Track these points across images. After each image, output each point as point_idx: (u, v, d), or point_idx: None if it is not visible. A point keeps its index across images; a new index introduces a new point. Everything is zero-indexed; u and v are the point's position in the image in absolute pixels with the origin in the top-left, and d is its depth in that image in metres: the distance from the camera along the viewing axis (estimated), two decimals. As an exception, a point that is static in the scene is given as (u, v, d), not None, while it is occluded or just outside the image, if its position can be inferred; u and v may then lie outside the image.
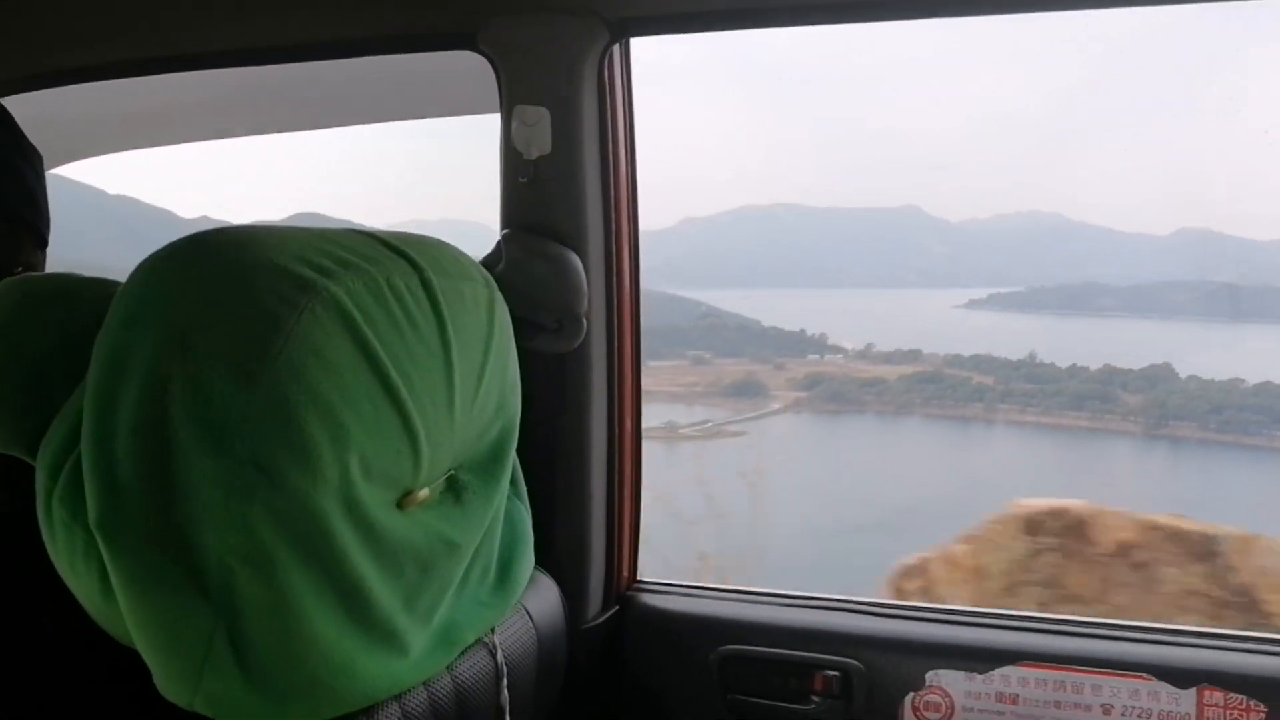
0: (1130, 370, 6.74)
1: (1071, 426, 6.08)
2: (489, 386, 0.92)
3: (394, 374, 0.76)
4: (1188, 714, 1.30)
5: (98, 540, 0.67)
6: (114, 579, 0.67)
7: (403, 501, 0.83)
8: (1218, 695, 1.29)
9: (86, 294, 0.81)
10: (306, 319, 0.71)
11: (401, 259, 0.82)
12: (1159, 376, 6.65)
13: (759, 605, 1.54)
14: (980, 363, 7.85)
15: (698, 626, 1.54)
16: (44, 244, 1.03)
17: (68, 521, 0.71)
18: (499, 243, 1.36)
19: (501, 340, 0.95)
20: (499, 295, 0.94)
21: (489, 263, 1.36)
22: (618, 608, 1.56)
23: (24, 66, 1.58)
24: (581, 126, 1.35)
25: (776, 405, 6.95)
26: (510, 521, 1.11)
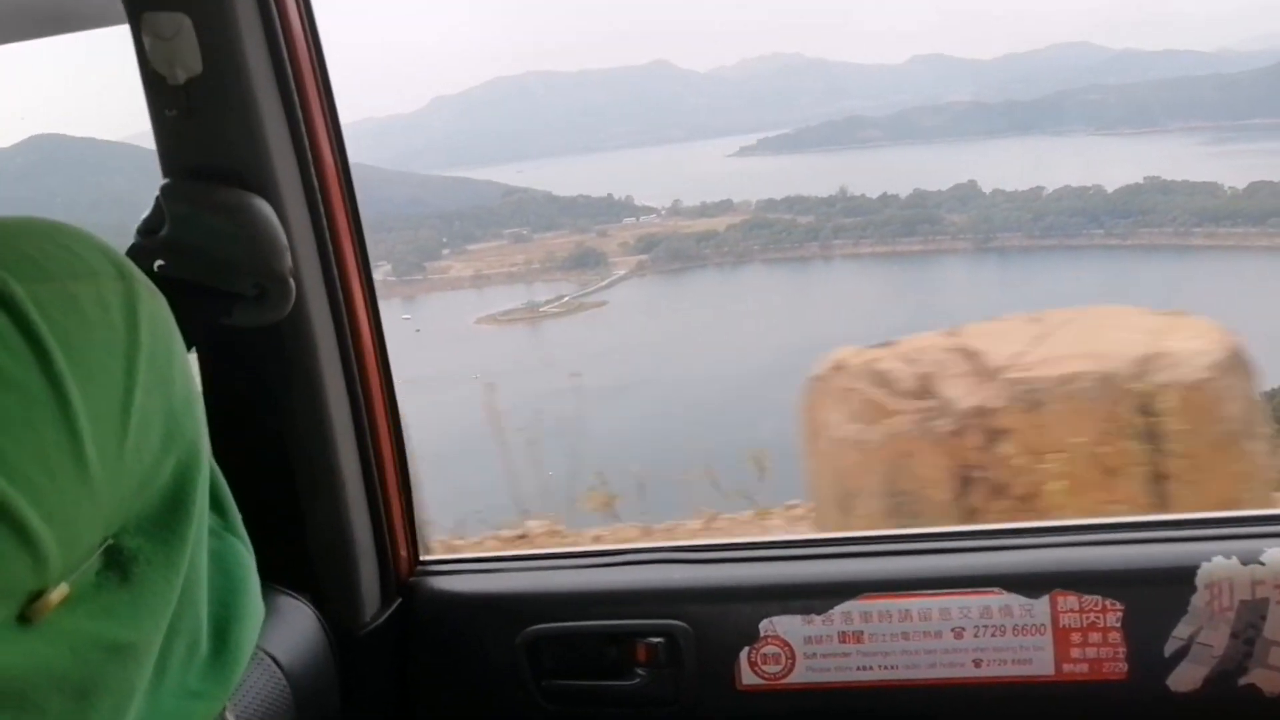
0: (940, 192, 6.97)
1: (906, 252, 6.30)
2: (144, 417, 0.67)
3: None
4: (1042, 625, 1.20)
5: None
6: None
7: (28, 612, 0.59)
8: (1072, 599, 1.19)
9: None
10: None
11: None
12: (968, 195, 6.90)
13: (565, 571, 1.37)
14: (794, 204, 7.95)
15: (497, 606, 1.35)
16: None
17: None
18: (157, 199, 1.07)
19: (155, 346, 0.69)
20: (143, 285, 0.68)
21: (150, 226, 1.07)
22: (400, 600, 1.35)
23: None
24: (239, 32, 1.05)
25: (621, 271, 6.91)
26: (223, 569, 0.86)
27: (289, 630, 1.09)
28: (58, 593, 0.60)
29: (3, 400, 0.54)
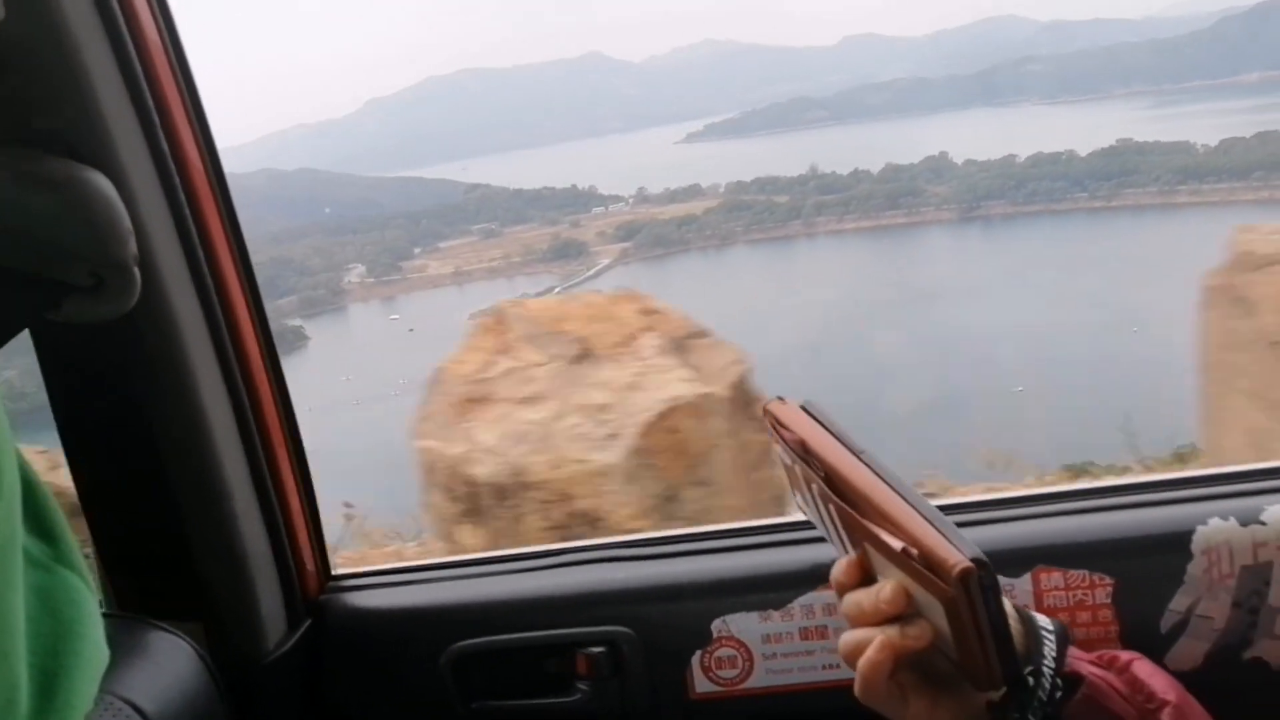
0: (913, 165, 6.91)
1: (892, 225, 6.28)
2: None
3: None
4: (1025, 605, 1.07)
5: None
6: None
7: None
8: (1056, 576, 1.08)
9: None
10: None
11: None
12: (940, 166, 6.85)
13: (493, 578, 1.24)
14: (766, 185, 7.86)
15: (419, 621, 1.22)
16: None
17: None
18: (-33, 169, 0.93)
19: None
20: None
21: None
22: (310, 621, 1.22)
23: None
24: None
25: (605, 260, 6.85)
26: (52, 610, 0.72)
27: (158, 671, 0.96)
28: None
29: None
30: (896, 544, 0.69)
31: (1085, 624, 1.06)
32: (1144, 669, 0.81)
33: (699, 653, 1.14)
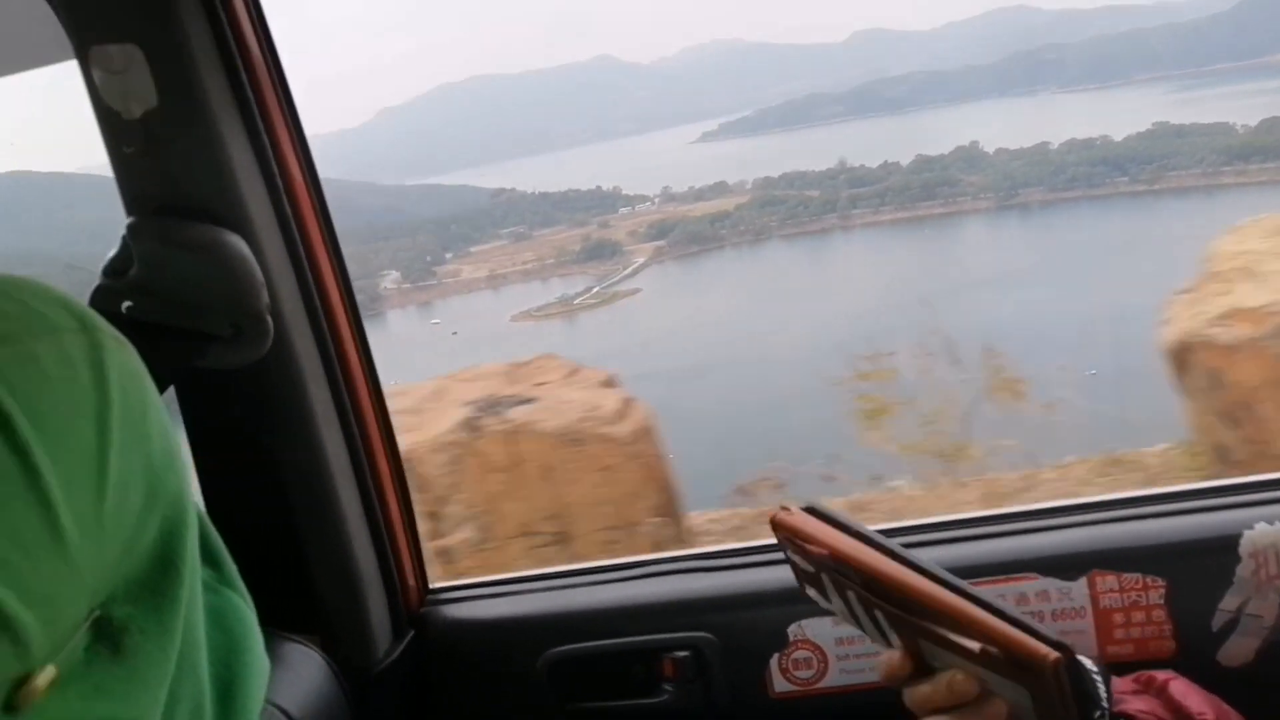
0: (943, 156, 6.95)
1: (928, 215, 6.30)
2: (122, 476, 0.64)
3: None
4: (1082, 607, 1.17)
5: None
6: None
7: (15, 699, 0.55)
8: (1111, 579, 1.17)
9: None
10: None
11: None
12: (972, 156, 6.88)
13: (582, 589, 1.34)
14: (794, 180, 7.91)
15: (514, 630, 1.33)
16: None
17: None
18: (124, 237, 1.04)
19: (127, 401, 0.65)
20: (109, 336, 0.64)
21: (117, 267, 1.05)
22: (413, 633, 1.33)
23: None
24: (194, 59, 1.02)
25: (640, 259, 6.88)
26: (222, 626, 0.84)
27: (297, 679, 1.07)
28: (44, 676, 0.57)
29: None
30: (971, 644, 0.72)
31: (1140, 624, 1.15)
32: (1180, 688, 0.88)
33: (777, 655, 1.24)
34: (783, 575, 1.27)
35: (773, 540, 1.34)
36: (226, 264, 1.04)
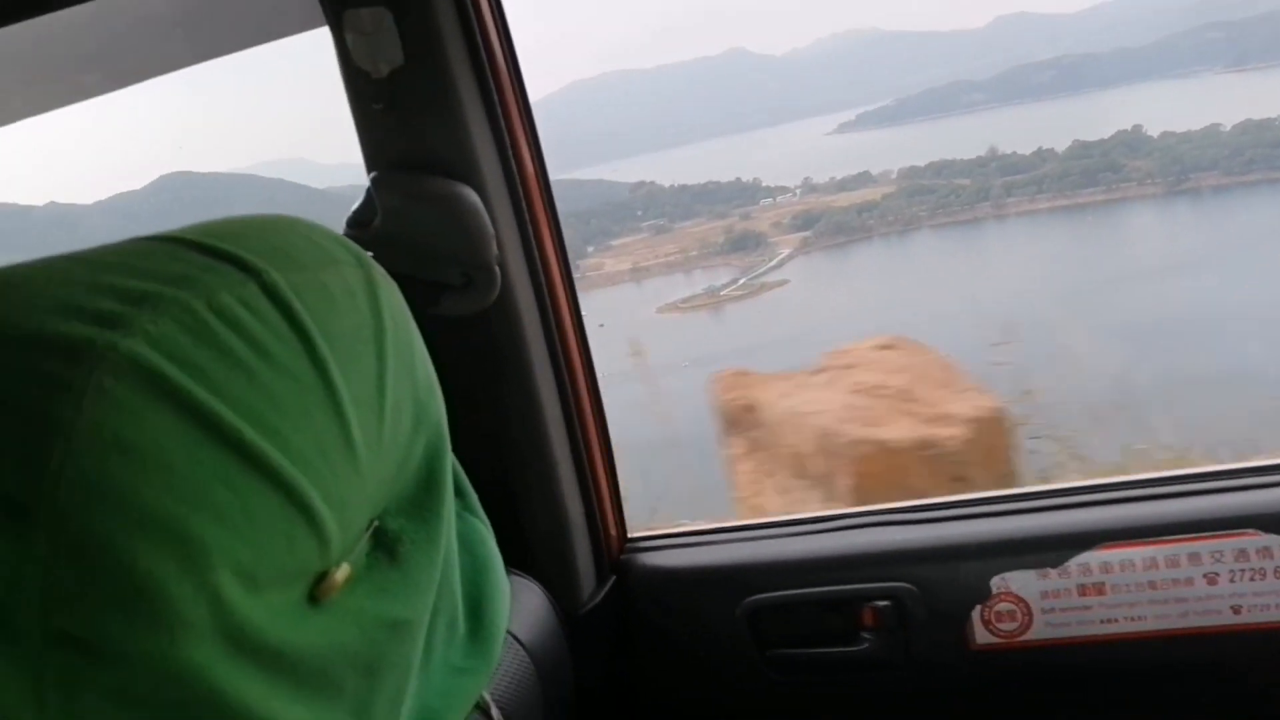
0: (1103, 140, 6.72)
1: (1090, 203, 6.11)
2: (396, 399, 0.70)
3: (250, 434, 0.54)
4: (1297, 566, 1.15)
5: None
6: None
7: (316, 592, 0.62)
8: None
9: None
10: (93, 402, 0.49)
11: (226, 264, 0.59)
12: (1135, 141, 6.63)
13: (780, 540, 1.37)
14: (942, 169, 7.77)
15: (713, 579, 1.37)
16: None
17: None
18: (368, 191, 1.13)
19: (398, 331, 0.72)
20: (378, 272, 0.71)
21: (361, 219, 1.13)
22: (614, 578, 1.38)
23: None
24: (438, 23, 1.09)
25: (785, 250, 6.88)
26: (469, 549, 0.90)
27: (522, 609, 1.13)
28: (341, 573, 0.63)
29: (280, 388, 0.57)
30: None
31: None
32: None
33: (979, 607, 1.25)
34: (985, 528, 1.29)
35: (973, 494, 1.36)
36: (462, 216, 1.11)
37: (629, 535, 1.44)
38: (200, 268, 0.57)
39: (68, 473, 0.47)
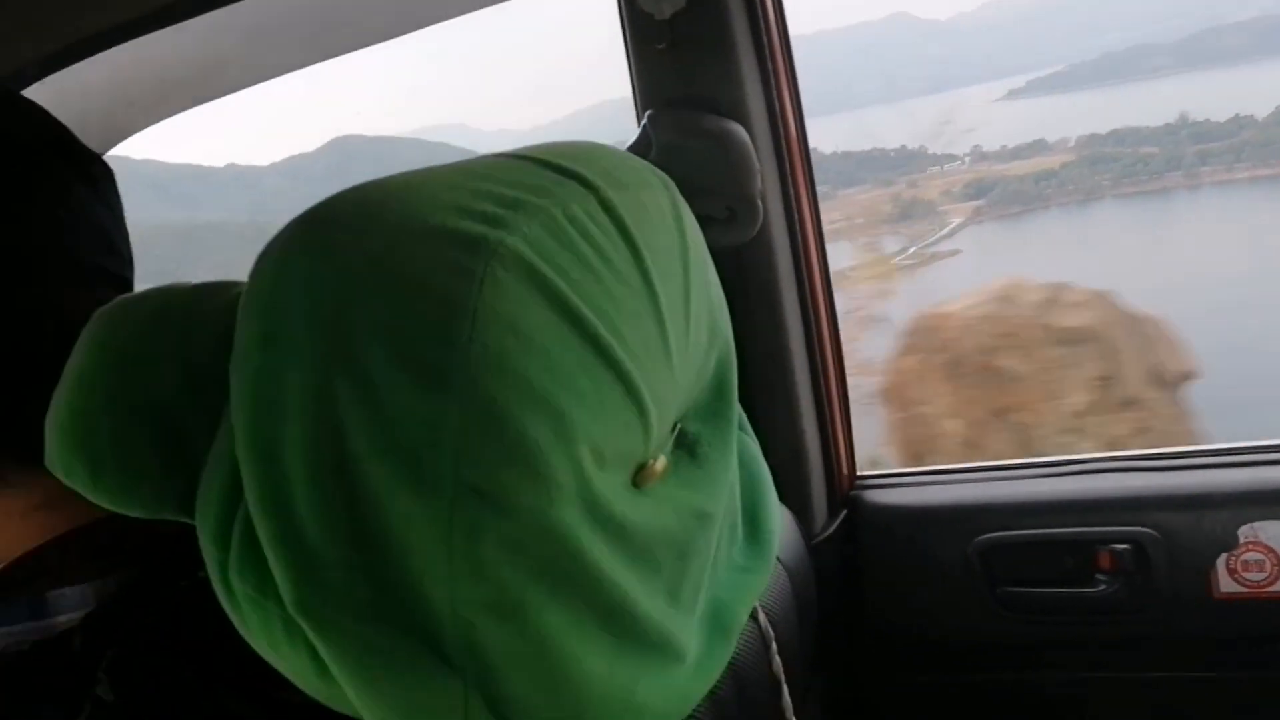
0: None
1: None
2: (697, 311, 0.77)
3: (602, 330, 0.61)
4: None
5: (303, 625, 0.55)
6: (332, 667, 0.55)
7: (638, 479, 0.69)
8: None
9: (199, 306, 0.67)
10: (490, 288, 0.56)
11: (571, 180, 0.66)
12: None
13: (1014, 482, 1.40)
14: (1125, 137, 7.45)
15: (943, 517, 1.40)
16: (128, 288, 0.88)
17: (255, 597, 0.58)
18: (644, 126, 1.19)
19: (697, 252, 0.78)
20: (680, 196, 0.78)
21: (637, 151, 1.20)
22: (845, 512, 1.43)
23: (34, 48, 1.43)
24: (717, -35, 1.15)
25: (956, 220, 6.72)
26: (743, 462, 0.97)
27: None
28: (660, 463, 0.70)
29: (619, 292, 0.63)
30: None
31: None
32: None
33: (1224, 555, 1.25)
34: (1233, 478, 1.28)
35: (1221, 444, 1.35)
36: (731, 151, 1.16)
37: (858, 473, 1.48)
38: (552, 182, 0.64)
39: (476, 347, 0.54)
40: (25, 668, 0.65)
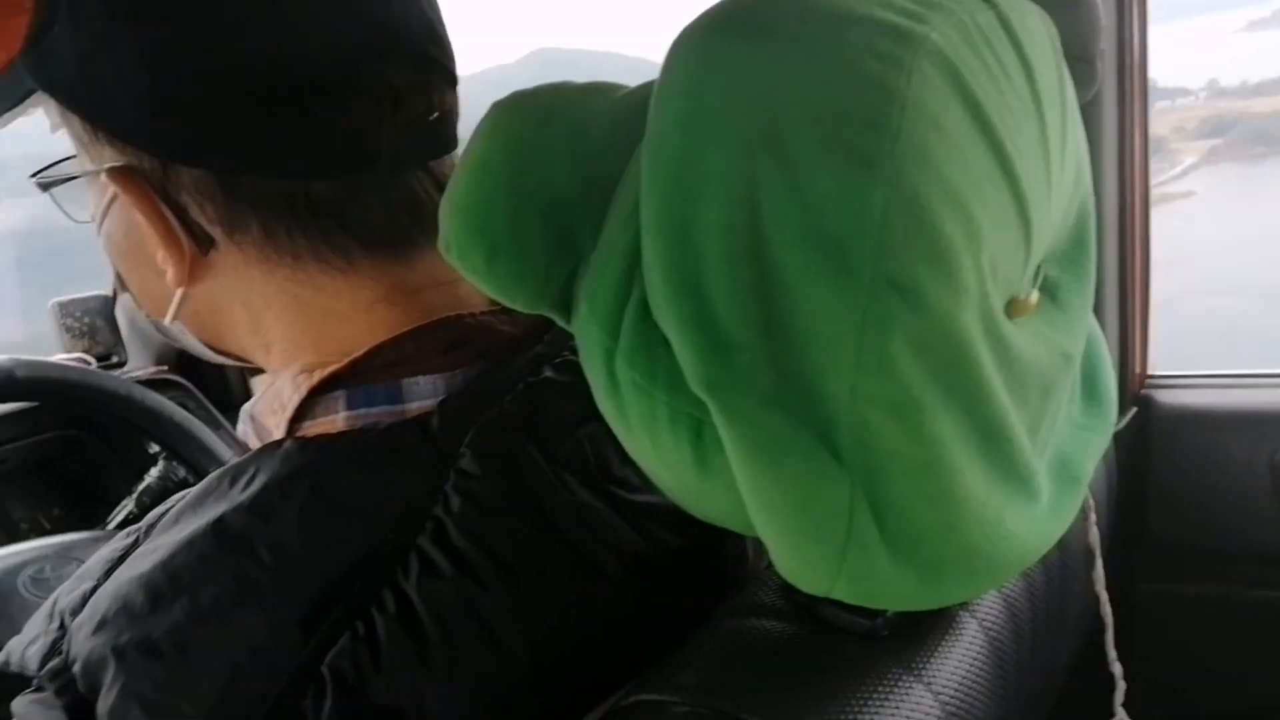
0: None
1: None
2: (1070, 149, 0.74)
3: (1006, 142, 0.59)
4: None
5: (710, 405, 0.56)
6: (732, 451, 0.56)
7: (1010, 310, 0.68)
8: None
9: (589, 101, 0.69)
10: (917, 80, 0.54)
11: None
12: None
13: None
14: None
15: (1244, 423, 1.34)
16: (455, 83, 0.90)
17: (642, 384, 0.59)
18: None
19: (1070, 89, 0.76)
20: (1055, 30, 0.75)
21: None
22: (1135, 409, 1.39)
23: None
24: None
25: (1190, 159, 6.34)
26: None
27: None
28: (1034, 297, 0.68)
29: (1017, 108, 0.59)
30: None
31: None
32: None
33: None
34: None
35: None
36: (1079, 5, 1.13)
37: (1150, 372, 1.43)
38: None
39: (903, 136, 0.52)
40: (388, 442, 0.67)
